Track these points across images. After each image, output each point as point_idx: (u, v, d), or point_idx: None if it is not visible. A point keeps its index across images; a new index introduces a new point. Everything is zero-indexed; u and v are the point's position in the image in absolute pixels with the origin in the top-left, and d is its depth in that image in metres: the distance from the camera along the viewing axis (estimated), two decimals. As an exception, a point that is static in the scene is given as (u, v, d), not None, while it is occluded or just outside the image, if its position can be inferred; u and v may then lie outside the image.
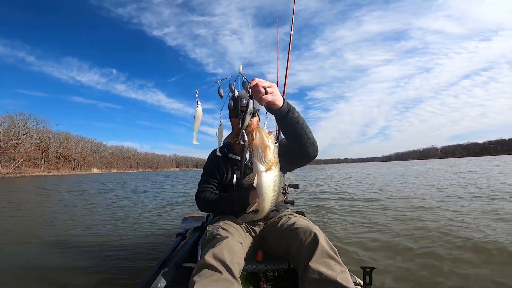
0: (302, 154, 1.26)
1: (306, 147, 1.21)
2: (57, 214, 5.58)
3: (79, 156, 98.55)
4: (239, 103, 1.43)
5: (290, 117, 1.12)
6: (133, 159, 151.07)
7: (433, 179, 10.81)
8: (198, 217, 2.32)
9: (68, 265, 2.52)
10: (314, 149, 1.24)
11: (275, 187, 0.97)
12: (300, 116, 1.17)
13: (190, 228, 2.03)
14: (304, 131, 1.18)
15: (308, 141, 1.20)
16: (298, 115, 1.16)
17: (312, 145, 1.23)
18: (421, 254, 2.46)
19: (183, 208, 5.87)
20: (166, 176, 31.57)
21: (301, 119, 1.17)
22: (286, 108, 1.11)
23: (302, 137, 1.18)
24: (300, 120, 1.16)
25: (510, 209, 4.14)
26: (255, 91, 1.02)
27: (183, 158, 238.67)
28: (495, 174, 11.46)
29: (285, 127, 1.16)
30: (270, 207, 1.03)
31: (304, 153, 1.25)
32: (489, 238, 2.77)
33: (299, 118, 1.16)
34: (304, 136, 1.18)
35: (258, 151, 0.90)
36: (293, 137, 1.20)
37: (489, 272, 2.07)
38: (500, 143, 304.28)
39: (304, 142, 1.19)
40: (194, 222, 2.22)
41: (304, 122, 1.19)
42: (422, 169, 20.73)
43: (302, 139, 1.19)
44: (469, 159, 77.46)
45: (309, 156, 1.26)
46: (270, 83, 1.05)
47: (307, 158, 1.29)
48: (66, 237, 3.55)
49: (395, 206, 5.02)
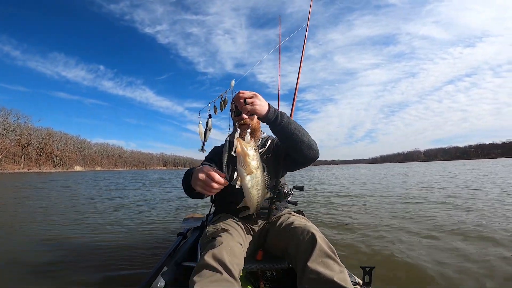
0: (300, 157, 1.28)
1: (302, 150, 1.24)
2: (56, 212, 5.51)
3: (61, 153, 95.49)
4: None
5: (279, 123, 1.16)
6: (119, 157, 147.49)
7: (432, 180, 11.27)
8: (199, 218, 2.34)
9: (68, 264, 2.50)
10: (312, 152, 1.26)
11: (258, 186, 1.03)
12: (292, 122, 1.21)
13: (190, 228, 2.04)
14: (298, 136, 1.20)
15: (303, 144, 1.22)
16: (289, 121, 1.19)
17: (309, 148, 1.24)
18: (421, 254, 2.46)
19: (185, 208, 5.90)
20: (152, 175, 31.08)
21: (292, 124, 1.20)
22: (273, 115, 1.15)
23: (297, 142, 1.20)
24: (292, 125, 1.19)
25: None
26: (238, 103, 1.11)
27: (171, 156, 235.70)
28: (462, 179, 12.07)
29: (277, 133, 1.20)
30: (257, 203, 1.08)
31: (302, 156, 1.27)
32: (487, 235, 2.91)
33: (290, 123, 1.19)
34: (298, 140, 1.20)
35: (240, 158, 0.98)
36: (287, 142, 1.23)
37: (489, 269, 2.09)
38: (480, 148, 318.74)
39: (299, 146, 1.22)
40: (194, 222, 2.23)
41: (297, 127, 1.21)
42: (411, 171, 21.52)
43: (297, 143, 1.21)
44: (449, 162, 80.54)
45: (308, 158, 1.28)
46: (251, 94, 1.12)
47: (306, 161, 1.32)
48: (66, 237, 3.51)
49: (395, 205, 5.13)
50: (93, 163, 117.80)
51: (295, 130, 1.19)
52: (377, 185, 10.18)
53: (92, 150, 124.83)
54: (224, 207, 1.51)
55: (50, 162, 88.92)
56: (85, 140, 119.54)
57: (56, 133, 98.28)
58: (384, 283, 1.97)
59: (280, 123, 1.16)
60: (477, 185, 8.84)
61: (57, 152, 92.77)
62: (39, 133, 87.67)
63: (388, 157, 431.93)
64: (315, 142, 1.28)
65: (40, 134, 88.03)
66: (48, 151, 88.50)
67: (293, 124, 1.21)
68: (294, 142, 1.21)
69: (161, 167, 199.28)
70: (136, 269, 2.34)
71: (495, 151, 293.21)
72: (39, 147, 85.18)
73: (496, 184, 8.69)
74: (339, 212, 4.81)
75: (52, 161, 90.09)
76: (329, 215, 4.53)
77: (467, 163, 60.98)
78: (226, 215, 1.43)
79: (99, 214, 5.17)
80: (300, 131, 1.22)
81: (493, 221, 3.63)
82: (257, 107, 1.10)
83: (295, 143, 1.21)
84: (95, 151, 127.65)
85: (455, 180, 11.35)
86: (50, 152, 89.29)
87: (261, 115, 1.13)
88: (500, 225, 3.42)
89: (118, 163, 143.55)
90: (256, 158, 0.97)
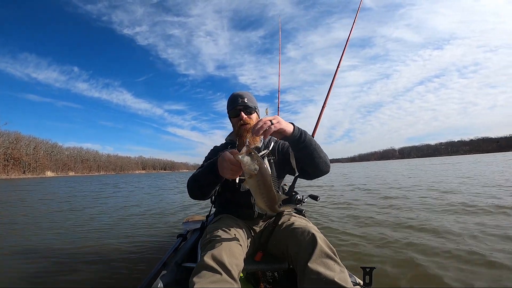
0: (315, 172, 1.28)
1: (318, 166, 1.23)
2: (55, 216, 5.54)
3: (30, 158, 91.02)
4: (236, 103, 1.45)
5: (303, 141, 1.15)
6: (94, 161, 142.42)
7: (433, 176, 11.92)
8: (199, 220, 2.34)
9: (69, 266, 2.52)
10: (327, 167, 1.27)
11: (260, 190, 0.98)
12: (312, 139, 1.20)
13: (190, 229, 2.06)
14: (317, 152, 1.20)
15: (320, 160, 1.22)
16: (310, 138, 1.18)
17: (325, 163, 1.25)
18: (423, 254, 2.45)
19: (185, 209, 5.88)
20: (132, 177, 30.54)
21: (313, 141, 1.19)
22: (298, 132, 1.13)
23: (315, 158, 1.20)
24: (313, 142, 1.19)
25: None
26: (263, 128, 1.03)
27: (150, 160, 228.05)
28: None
29: (299, 150, 1.18)
30: (266, 205, 1.02)
31: (317, 171, 1.27)
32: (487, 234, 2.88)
33: (311, 140, 1.19)
34: (317, 156, 1.20)
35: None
36: (306, 159, 1.22)
37: (491, 271, 2.05)
38: (450, 145, 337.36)
39: (316, 161, 1.22)
40: (194, 223, 2.24)
41: (316, 144, 1.21)
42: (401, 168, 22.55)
43: (315, 159, 1.21)
44: (421, 159, 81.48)
45: (322, 173, 1.29)
46: (273, 116, 1.09)
47: (320, 175, 1.31)
48: (68, 237, 3.57)
49: (395, 205, 5.04)
50: (66, 168, 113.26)
51: (316, 147, 1.20)
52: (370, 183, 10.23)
53: (65, 154, 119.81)
54: (224, 208, 1.49)
55: (19, 168, 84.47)
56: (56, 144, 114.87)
57: (25, 137, 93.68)
58: (384, 284, 1.95)
59: (304, 140, 1.15)
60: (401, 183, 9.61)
61: (26, 157, 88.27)
62: (6, 137, 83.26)
63: (366, 155, 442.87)
64: (328, 157, 1.29)
65: (7, 138, 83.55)
66: (16, 156, 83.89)
67: (314, 141, 1.21)
68: (313, 158, 1.21)
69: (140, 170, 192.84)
70: (136, 270, 2.36)
71: (463, 148, 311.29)
72: (6, 152, 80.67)
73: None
74: (340, 212, 4.74)
75: (21, 167, 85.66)
76: (330, 215, 4.44)
77: (434, 160, 63.03)
78: (226, 216, 1.41)
79: (97, 217, 5.22)
80: (319, 148, 1.22)
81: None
82: (283, 124, 1.09)
83: (314, 159, 1.21)
84: (68, 156, 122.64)
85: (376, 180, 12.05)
86: (18, 157, 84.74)
87: (288, 133, 1.11)
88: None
89: (93, 167, 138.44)
90: (251, 162, 0.94)
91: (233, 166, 0.98)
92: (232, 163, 0.98)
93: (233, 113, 1.47)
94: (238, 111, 1.44)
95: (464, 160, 39.24)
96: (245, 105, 1.43)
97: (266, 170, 0.97)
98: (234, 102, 1.46)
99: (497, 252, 2.36)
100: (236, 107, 1.45)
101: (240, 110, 1.43)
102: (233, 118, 1.49)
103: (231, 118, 1.51)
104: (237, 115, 1.44)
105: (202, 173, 1.22)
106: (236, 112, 1.45)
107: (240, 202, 1.41)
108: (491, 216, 3.68)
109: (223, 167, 1.02)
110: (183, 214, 5.19)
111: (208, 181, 1.21)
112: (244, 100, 1.44)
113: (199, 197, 1.30)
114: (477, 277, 1.97)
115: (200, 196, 1.29)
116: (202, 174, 1.21)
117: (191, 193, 1.31)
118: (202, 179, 1.22)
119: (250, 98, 1.48)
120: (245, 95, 1.47)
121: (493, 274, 2.00)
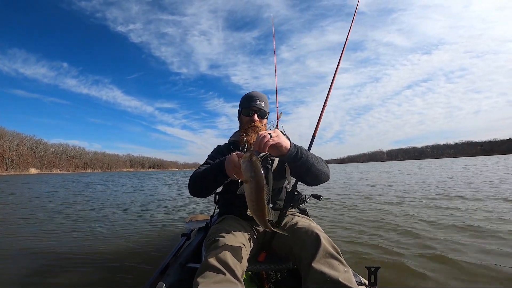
0: (315, 183, 1.29)
1: (318, 177, 1.24)
2: (61, 214, 5.51)
3: (14, 154, 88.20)
4: (252, 103, 1.46)
5: (300, 158, 1.14)
6: (80, 159, 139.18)
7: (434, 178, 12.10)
8: (202, 220, 2.33)
9: (72, 264, 2.51)
10: (325, 177, 1.28)
11: (252, 197, 0.98)
12: (310, 154, 1.20)
13: (194, 229, 2.03)
14: (315, 167, 1.20)
15: (319, 172, 1.22)
16: (307, 154, 1.18)
17: (324, 174, 1.25)
18: (426, 254, 2.44)
19: (188, 209, 5.86)
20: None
21: (310, 157, 1.19)
22: (294, 150, 1.13)
23: (313, 172, 1.20)
24: (309, 158, 1.18)
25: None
26: (263, 141, 1.04)
27: (139, 158, 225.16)
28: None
29: (296, 167, 1.18)
30: (254, 212, 1.02)
31: (316, 182, 1.28)
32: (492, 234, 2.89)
33: (308, 156, 1.18)
34: (315, 170, 1.20)
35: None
36: (304, 174, 1.23)
37: (494, 270, 2.05)
38: (435, 148, 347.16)
39: (315, 174, 1.22)
40: (198, 223, 2.22)
41: (314, 157, 1.21)
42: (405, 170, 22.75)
43: (313, 173, 1.21)
44: (408, 162, 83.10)
45: (321, 183, 1.30)
46: (273, 130, 1.11)
47: (319, 184, 1.32)
48: (71, 237, 3.55)
49: (396, 205, 5.06)
50: (51, 165, 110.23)
51: (313, 162, 1.19)
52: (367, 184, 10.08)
53: (50, 151, 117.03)
54: (228, 208, 1.49)
55: (2, 164, 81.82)
56: (41, 141, 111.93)
57: (8, 132, 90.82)
58: (390, 284, 1.93)
59: (300, 158, 1.15)
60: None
61: (9, 154, 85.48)
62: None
63: (355, 157, 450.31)
64: (327, 166, 1.29)
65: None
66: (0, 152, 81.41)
67: (310, 156, 1.20)
68: (311, 172, 1.21)
69: (128, 169, 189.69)
70: (140, 269, 2.36)
71: (448, 151, 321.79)
72: (-13, 148, 78.02)
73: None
74: (344, 211, 4.73)
75: (4, 163, 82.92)
76: (331, 215, 4.44)
77: (419, 162, 64.59)
78: (230, 217, 1.41)
79: (101, 216, 5.18)
80: (317, 161, 1.21)
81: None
82: (282, 139, 1.09)
83: (312, 173, 1.21)
84: (53, 152, 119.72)
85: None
86: (1, 154, 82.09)
87: (286, 149, 1.11)
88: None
89: (79, 165, 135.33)
90: (249, 169, 0.94)
91: (236, 168, 1.02)
92: (235, 165, 1.03)
93: (246, 111, 1.49)
94: (252, 111, 1.47)
95: (461, 162, 39.23)
96: (261, 108, 1.47)
97: (261, 179, 0.96)
98: (251, 102, 1.48)
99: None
100: (252, 107, 1.47)
101: (254, 112, 1.46)
102: (244, 117, 1.51)
103: (243, 115, 1.52)
104: (250, 115, 1.46)
105: (211, 169, 1.22)
106: (250, 112, 1.47)
107: (243, 203, 1.43)
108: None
109: (228, 167, 1.08)
110: (185, 213, 5.21)
111: (216, 178, 1.21)
112: (261, 104, 1.47)
113: (201, 193, 1.30)
114: (485, 279, 1.94)
115: (203, 192, 1.29)
116: (211, 170, 1.22)
117: (194, 188, 1.30)
118: (210, 175, 1.22)
119: (266, 103, 1.51)
120: (263, 99, 1.49)
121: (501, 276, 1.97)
